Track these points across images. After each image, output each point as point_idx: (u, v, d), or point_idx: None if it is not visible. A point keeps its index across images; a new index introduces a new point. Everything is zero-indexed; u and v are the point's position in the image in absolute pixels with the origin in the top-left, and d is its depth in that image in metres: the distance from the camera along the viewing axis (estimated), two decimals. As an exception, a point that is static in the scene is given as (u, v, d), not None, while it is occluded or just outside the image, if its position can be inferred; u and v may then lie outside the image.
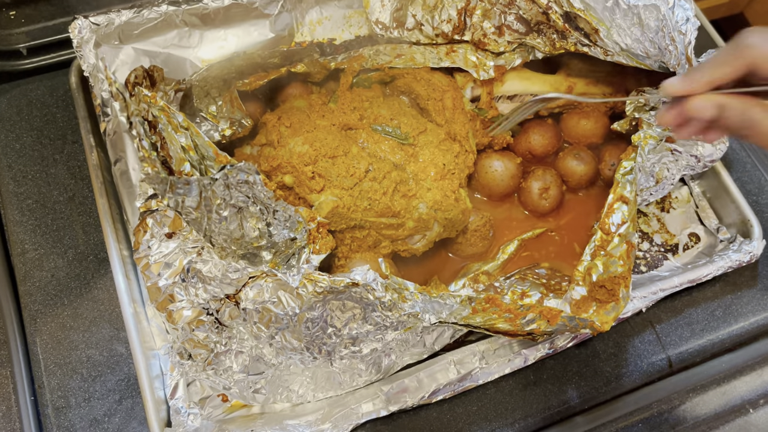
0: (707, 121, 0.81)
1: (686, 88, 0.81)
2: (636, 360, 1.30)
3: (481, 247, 1.37)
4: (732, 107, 0.78)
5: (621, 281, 1.17)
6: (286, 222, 1.09)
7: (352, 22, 1.44)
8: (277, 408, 1.19)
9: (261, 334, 1.05)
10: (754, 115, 0.76)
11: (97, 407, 1.20)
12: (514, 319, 1.09)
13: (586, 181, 1.42)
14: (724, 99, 0.79)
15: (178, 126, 1.08)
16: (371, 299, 1.02)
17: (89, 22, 1.25)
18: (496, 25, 1.37)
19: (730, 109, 0.78)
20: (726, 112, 0.79)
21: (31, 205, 1.35)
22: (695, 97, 0.80)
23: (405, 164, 1.26)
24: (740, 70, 0.76)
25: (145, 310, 1.22)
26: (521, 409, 1.24)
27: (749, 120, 0.77)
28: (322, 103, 1.33)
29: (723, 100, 0.79)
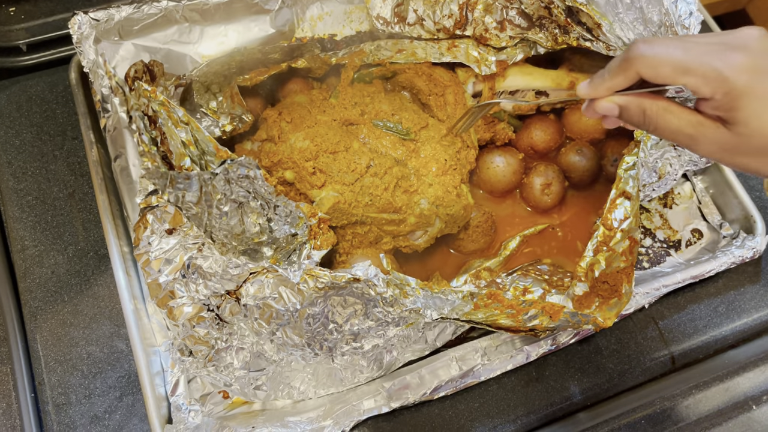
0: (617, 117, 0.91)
1: (591, 94, 0.90)
2: (638, 356, 1.29)
3: (482, 243, 1.36)
4: (630, 107, 0.87)
5: (623, 277, 1.17)
6: (287, 217, 1.09)
7: (353, 18, 1.43)
8: (278, 404, 1.19)
9: (262, 330, 1.05)
10: (650, 113, 0.85)
11: (97, 404, 1.20)
12: (516, 315, 1.09)
13: (588, 177, 1.42)
14: (623, 100, 0.88)
15: (178, 121, 1.07)
16: (372, 295, 1.02)
17: (89, 17, 1.25)
18: (497, 20, 1.36)
19: (629, 108, 0.87)
20: (626, 111, 0.88)
21: (31, 201, 1.35)
22: (600, 100, 0.90)
23: (406, 160, 1.25)
24: (632, 79, 0.84)
25: (145, 306, 1.22)
26: (523, 406, 1.24)
27: (647, 117, 0.86)
28: (323, 99, 1.33)
29: (622, 100, 0.88)
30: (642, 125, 0.88)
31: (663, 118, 0.85)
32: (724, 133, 0.80)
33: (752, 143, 0.79)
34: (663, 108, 0.85)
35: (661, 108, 0.85)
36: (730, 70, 0.76)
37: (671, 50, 0.79)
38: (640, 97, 0.87)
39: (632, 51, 0.82)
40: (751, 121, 0.77)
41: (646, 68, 0.81)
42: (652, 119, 0.86)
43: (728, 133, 0.80)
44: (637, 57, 0.82)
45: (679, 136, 0.85)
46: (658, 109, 0.85)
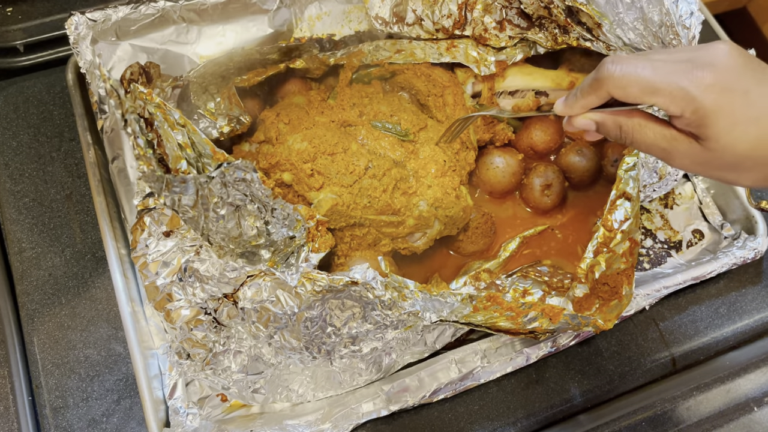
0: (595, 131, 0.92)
1: (566, 112, 0.92)
2: (639, 358, 1.29)
3: (482, 244, 1.36)
4: (606, 123, 0.89)
5: (624, 278, 1.16)
6: (285, 220, 1.08)
7: (352, 18, 1.43)
8: (276, 408, 1.19)
9: (259, 334, 1.04)
10: (626, 128, 0.87)
11: (95, 407, 1.20)
12: (516, 317, 1.08)
13: (588, 178, 1.41)
14: (599, 117, 0.90)
15: (174, 123, 1.07)
16: (371, 298, 1.01)
17: (86, 18, 1.24)
18: (497, 20, 1.36)
19: (605, 124, 0.89)
20: (603, 126, 0.90)
21: (28, 203, 1.35)
22: (576, 118, 0.92)
23: (405, 161, 1.25)
24: (604, 98, 0.86)
25: (143, 309, 1.22)
26: (523, 408, 1.24)
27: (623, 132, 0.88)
28: (321, 100, 1.32)
29: (598, 117, 0.90)
30: (619, 139, 0.90)
31: (638, 133, 0.86)
32: (697, 147, 0.82)
33: (724, 158, 0.80)
34: (638, 123, 0.86)
35: (636, 123, 0.86)
36: (698, 89, 0.77)
37: (639, 70, 0.81)
38: (615, 113, 0.88)
39: (601, 71, 0.84)
40: (721, 137, 0.78)
41: (615, 89, 0.83)
42: (628, 134, 0.87)
43: (700, 148, 0.81)
44: (605, 77, 0.83)
45: (654, 150, 0.86)
46: (634, 124, 0.86)
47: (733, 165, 0.81)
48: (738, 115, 0.77)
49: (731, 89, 0.77)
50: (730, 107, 0.77)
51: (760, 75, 0.79)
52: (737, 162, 0.80)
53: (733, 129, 0.78)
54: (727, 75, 0.78)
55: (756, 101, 0.77)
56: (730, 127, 0.78)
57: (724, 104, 0.77)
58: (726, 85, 0.77)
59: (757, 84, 0.78)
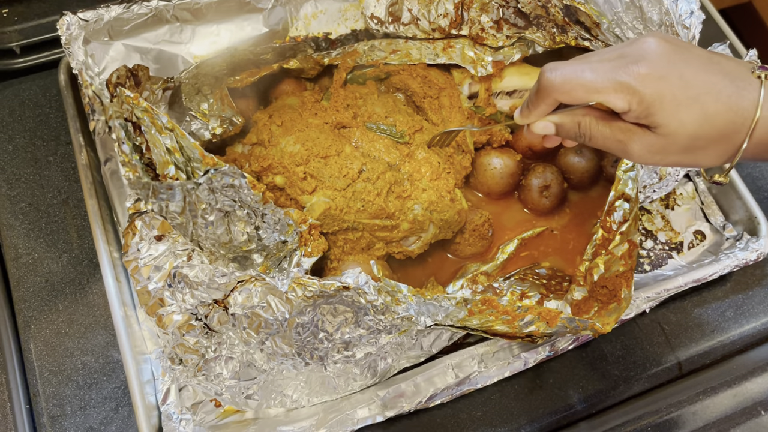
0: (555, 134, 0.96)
1: (524, 121, 0.96)
2: (645, 362, 1.28)
3: (479, 247, 1.34)
4: (565, 123, 0.93)
5: (623, 281, 1.15)
6: (276, 225, 1.07)
7: (348, 16, 1.42)
8: (271, 413, 1.18)
9: (251, 340, 1.03)
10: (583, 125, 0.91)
11: (92, 415, 1.19)
12: (512, 321, 1.07)
13: (587, 179, 1.40)
14: (556, 118, 0.93)
15: (162, 127, 1.06)
16: (363, 303, 1.00)
17: (77, 18, 1.23)
18: (494, 20, 1.35)
19: (564, 125, 0.93)
20: (562, 127, 0.93)
21: (25, 208, 1.34)
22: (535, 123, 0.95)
23: (400, 164, 1.23)
24: (554, 104, 0.90)
25: (136, 313, 1.21)
26: (526, 414, 1.23)
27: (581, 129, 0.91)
28: (315, 101, 1.31)
29: (556, 119, 0.93)
30: (578, 137, 0.93)
31: (596, 129, 0.90)
32: (651, 136, 0.85)
33: (677, 141, 0.84)
34: (595, 119, 0.90)
35: (593, 119, 0.90)
36: (637, 82, 0.81)
37: (579, 73, 0.84)
38: (572, 112, 0.92)
39: (542, 81, 0.87)
40: (669, 121, 0.82)
41: (560, 95, 0.86)
42: (586, 131, 0.91)
43: (654, 136, 0.85)
44: (548, 87, 0.86)
45: (612, 143, 0.89)
46: (591, 120, 0.90)
47: (687, 147, 0.85)
48: (679, 97, 0.81)
49: (667, 76, 0.82)
50: (670, 92, 0.81)
51: (687, 55, 0.84)
52: (690, 143, 0.84)
53: (677, 111, 0.82)
54: (660, 63, 0.82)
55: (691, 82, 0.82)
56: (674, 110, 0.82)
57: (664, 90, 0.81)
58: (661, 73, 0.82)
59: (687, 64, 0.83)
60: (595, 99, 0.84)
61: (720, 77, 0.83)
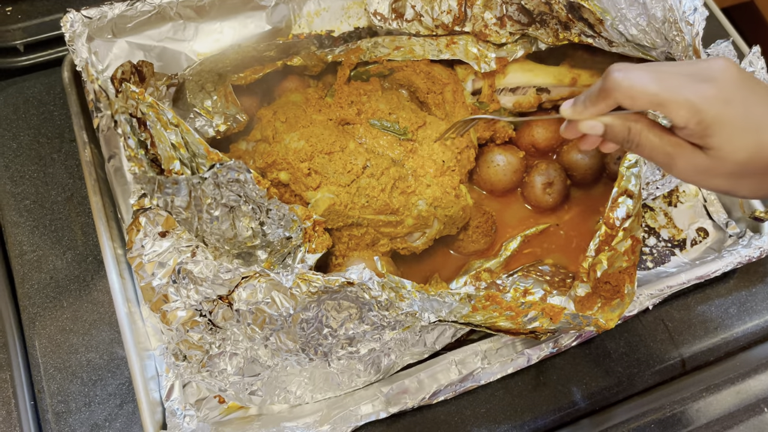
0: (600, 136, 0.95)
1: (575, 116, 0.94)
2: (648, 359, 1.28)
3: (483, 243, 1.34)
4: (615, 126, 0.91)
5: (626, 277, 1.15)
6: (281, 221, 1.07)
7: (351, 13, 1.42)
8: (274, 409, 1.18)
9: (255, 336, 1.03)
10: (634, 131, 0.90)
11: (97, 412, 1.19)
12: (516, 317, 1.07)
13: (591, 175, 1.40)
14: (609, 119, 0.91)
15: (167, 123, 1.06)
16: (367, 299, 1.00)
17: (81, 15, 1.24)
18: (497, 16, 1.34)
19: (614, 127, 0.91)
20: (611, 129, 0.92)
21: (29, 205, 1.34)
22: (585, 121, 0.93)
23: (404, 160, 1.24)
24: (612, 106, 0.89)
25: (140, 309, 1.21)
26: (530, 411, 1.22)
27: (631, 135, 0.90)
28: (319, 98, 1.31)
29: (608, 120, 0.92)
30: (625, 142, 0.92)
31: (645, 137, 0.89)
32: (700, 155, 0.85)
33: (725, 166, 0.84)
34: (646, 127, 0.89)
35: (645, 127, 0.89)
36: (702, 102, 0.81)
37: (646, 82, 0.84)
38: (626, 116, 0.91)
39: (608, 81, 0.86)
40: (723, 146, 0.82)
41: (624, 98, 0.85)
42: (636, 137, 0.90)
43: (703, 156, 0.85)
44: (613, 88, 0.86)
45: (659, 155, 0.89)
46: (642, 128, 0.89)
47: (733, 173, 0.84)
48: (738, 124, 0.81)
49: (731, 101, 0.81)
50: (731, 118, 0.81)
51: (755, 87, 0.84)
52: (737, 170, 0.84)
53: (733, 138, 0.81)
54: (727, 88, 0.82)
55: (753, 112, 0.82)
56: (731, 136, 0.81)
57: (725, 115, 0.81)
58: (727, 97, 0.81)
59: (752, 94, 0.83)
60: (657, 110, 0.85)
61: None
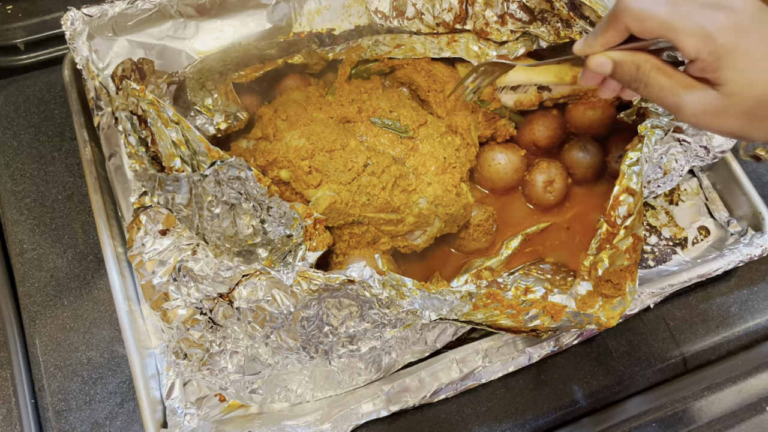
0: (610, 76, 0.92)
1: (585, 50, 0.93)
2: (649, 358, 1.28)
3: (484, 242, 1.34)
4: (624, 62, 0.89)
5: (627, 275, 1.15)
6: (281, 219, 1.07)
7: (352, 12, 1.42)
8: (275, 408, 1.18)
9: (256, 334, 1.03)
10: (643, 69, 0.87)
11: (98, 410, 1.20)
12: (517, 315, 1.07)
13: (592, 174, 1.40)
14: (617, 54, 0.90)
15: (168, 120, 1.06)
16: (368, 296, 1.00)
17: (82, 13, 1.24)
18: (498, 14, 1.34)
19: (623, 64, 0.89)
20: (620, 66, 0.90)
21: (30, 204, 1.34)
22: (594, 55, 0.92)
23: (405, 158, 1.23)
24: (623, 33, 0.87)
25: (140, 308, 1.21)
26: (531, 409, 1.22)
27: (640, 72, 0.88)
28: (320, 96, 1.31)
29: (616, 55, 0.90)
30: (634, 81, 0.89)
31: (655, 76, 0.86)
32: (711, 94, 0.81)
33: (739, 104, 0.80)
34: (656, 66, 0.86)
35: (655, 66, 0.86)
36: (715, 29, 0.78)
37: (658, 5, 0.81)
38: (634, 53, 0.88)
39: (620, 4, 0.84)
40: (737, 79, 0.79)
41: (633, 21, 0.84)
42: (644, 75, 0.87)
43: (715, 95, 0.81)
44: (624, 10, 0.84)
45: (668, 96, 0.86)
46: (652, 66, 0.86)
47: (747, 112, 0.80)
48: (754, 56, 0.78)
49: (748, 30, 0.78)
50: (746, 47, 0.78)
51: None
52: (751, 109, 0.80)
53: (749, 70, 0.78)
54: (744, 17, 0.79)
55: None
56: (746, 69, 0.78)
57: (740, 44, 0.78)
58: (743, 26, 0.78)
59: None
60: (667, 36, 0.81)
61: None
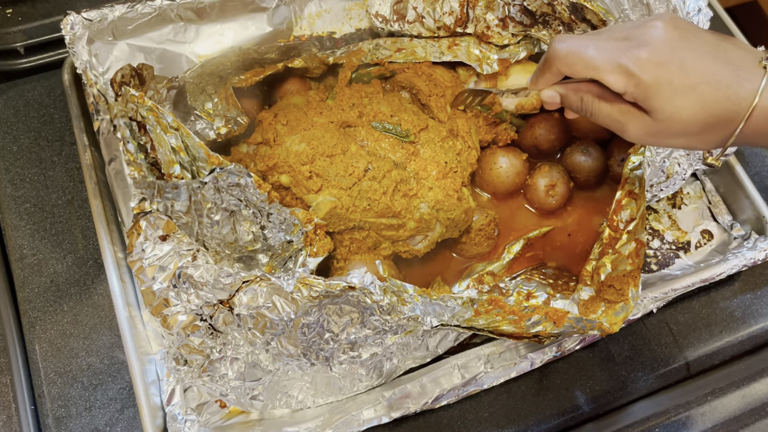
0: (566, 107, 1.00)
1: (532, 87, 1.00)
2: (652, 363, 1.27)
3: (485, 246, 1.33)
4: (569, 95, 0.96)
5: (630, 280, 1.14)
6: (282, 225, 1.07)
7: (353, 15, 1.42)
8: (276, 414, 1.17)
9: (256, 341, 1.03)
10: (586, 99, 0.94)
11: (98, 416, 1.19)
12: (519, 320, 1.06)
13: (594, 178, 1.39)
14: (562, 89, 0.97)
15: (167, 126, 1.05)
16: (369, 303, 0.99)
17: (81, 17, 1.23)
18: (499, 17, 1.34)
19: (568, 96, 0.96)
20: (566, 98, 0.97)
21: (30, 209, 1.34)
22: (543, 90, 0.99)
23: (405, 163, 1.23)
24: (557, 74, 0.94)
25: (140, 314, 1.20)
26: (533, 415, 1.22)
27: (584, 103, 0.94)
28: (320, 100, 1.30)
29: (561, 90, 0.97)
30: (580, 111, 0.96)
31: (597, 105, 0.92)
32: (647, 119, 0.87)
33: (672, 126, 0.86)
34: (598, 95, 0.92)
35: (597, 95, 0.92)
36: (637, 67, 0.83)
37: (583, 49, 0.87)
38: (577, 85, 0.95)
39: (549, 51, 0.91)
40: (665, 108, 0.84)
41: (562, 65, 0.90)
42: (588, 105, 0.93)
43: (650, 120, 0.87)
44: (553, 57, 0.91)
45: (610, 121, 0.92)
46: (594, 96, 0.92)
47: (682, 132, 0.86)
48: (676, 85, 0.83)
49: (667, 63, 0.83)
50: (667, 79, 0.83)
51: (693, 42, 0.84)
52: (685, 128, 0.86)
53: (674, 99, 0.83)
54: (662, 50, 0.83)
55: (691, 70, 0.83)
56: (671, 97, 0.83)
57: (661, 77, 0.83)
58: (661, 59, 0.83)
59: (691, 52, 0.84)
60: (592, 76, 0.87)
61: (722, 66, 0.83)
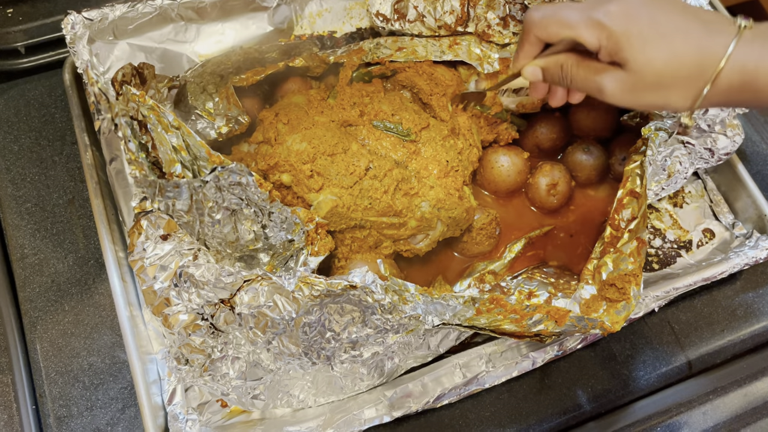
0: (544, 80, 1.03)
1: (516, 66, 1.04)
2: (654, 362, 1.27)
3: (487, 245, 1.33)
4: (549, 66, 0.99)
5: (632, 279, 1.14)
6: (283, 224, 1.07)
7: (353, 14, 1.42)
8: (277, 413, 1.17)
9: (257, 340, 1.03)
10: (565, 67, 0.97)
11: (99, 416, 1.19)
12: (520, 320, 1.06)
13: (595, 176, 1.39)
14: (542, 61, 1.00)
15: (168, 125, 1.05)
16: (370, 302, 0.99)
17: (82, 17, 1.23)
18: (500, 16, 1.34)
19: (549, 68, 1.00)
20: (547, 71, 1.00)
21: (31, 208, 1.34)
22: (525, 67, 1.03)
23: (407, 161, 1.23)
24: (536, 43, 0.99)
25: (141, 313, 1.20)
26: (535, 414, 1.22)
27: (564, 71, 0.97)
28: (321, 99, 1.30)
29: (541, 62, 1.01)
30: (562, 80, 0.99)
31: (575, 70, 0.96)
32: (622, 74, 0.90)
33: (646, 78, 0.88)
34: (576, 61, 0.96)
35: (575, 61, 0.96)
36: (608, 19, 0.87)
37: (557, 11, 0.92)
38: (556, 56, 0.98)
39: (526, 19, 0.96)
40: (637, 57, 0.87)
41: (538, 30, 0.95)
42: (567, 71, 0.97)
43: (624, 74, 0.90)
44: (530, 23, 0.96)
45: (589, 83, 0.95)
46: (572, 62, 0.96)
47: (655, 84, 0.89)
48: (647, 34, 0.86)
49: (638, 15, 0.87)
50: (638, 29, 0.86)
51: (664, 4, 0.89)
52: (657, 80, 0.88)
53: (645, 48, 0.87)
54: (633, 3, 0.88)
55: (661, 21, 0.87)
56: (642, 47, 0.87)
57: (632, 27, 0.87)
58: (633, 12, 0.87)
59: (659, 9, 0.88)
60: (568, 34, 0.91)
61: (692, 19, 0.87)
